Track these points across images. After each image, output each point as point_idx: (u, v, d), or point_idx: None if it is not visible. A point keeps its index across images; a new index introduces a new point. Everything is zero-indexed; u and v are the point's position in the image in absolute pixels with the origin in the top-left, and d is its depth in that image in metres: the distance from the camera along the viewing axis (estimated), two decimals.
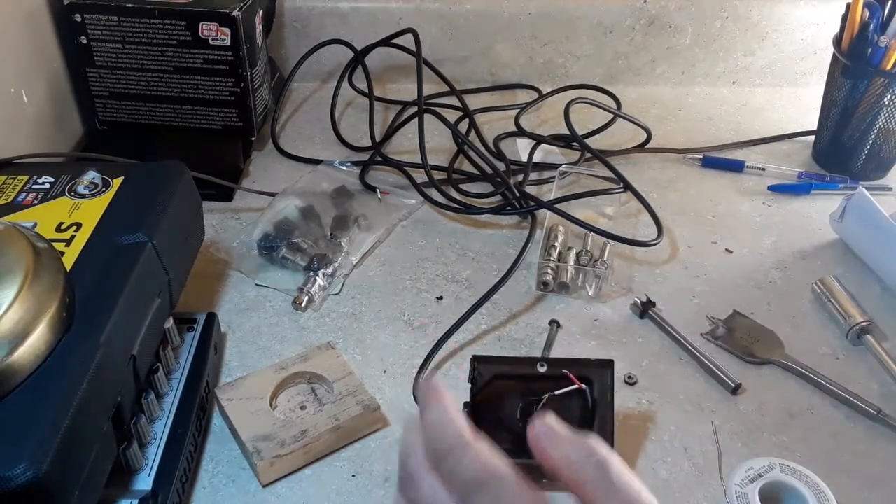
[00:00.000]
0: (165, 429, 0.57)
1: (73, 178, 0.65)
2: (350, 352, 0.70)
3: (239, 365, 0.69)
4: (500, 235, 0.85)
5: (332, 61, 1.11)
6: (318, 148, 1.00)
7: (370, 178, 0.92)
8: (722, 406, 0.66)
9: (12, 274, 0.47)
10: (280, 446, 0.58)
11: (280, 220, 0.82)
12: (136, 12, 0.86)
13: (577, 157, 0.97)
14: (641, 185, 0.88)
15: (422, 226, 0.86)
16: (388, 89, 1.12)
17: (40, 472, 0.40)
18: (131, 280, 0.54)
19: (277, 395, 0.64)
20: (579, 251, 0.79)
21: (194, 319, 0.67)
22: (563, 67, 1.15)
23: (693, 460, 0.62)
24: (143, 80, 0.91)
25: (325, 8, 1.09)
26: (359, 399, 0.62)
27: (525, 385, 0.59)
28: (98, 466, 0.47)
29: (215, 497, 0.58)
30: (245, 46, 0.88)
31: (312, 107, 1.09)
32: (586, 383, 0.58)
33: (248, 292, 0.76)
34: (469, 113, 1.02)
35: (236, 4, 0.86)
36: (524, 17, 1.11)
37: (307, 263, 0.77)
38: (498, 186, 0.89)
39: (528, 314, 0.75)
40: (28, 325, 0.46)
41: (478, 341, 0.72)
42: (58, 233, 0.58)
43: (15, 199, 0.62)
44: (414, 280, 0.79)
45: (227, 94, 0.91)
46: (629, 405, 0.66)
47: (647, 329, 0.74)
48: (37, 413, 0.43)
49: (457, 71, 1.12)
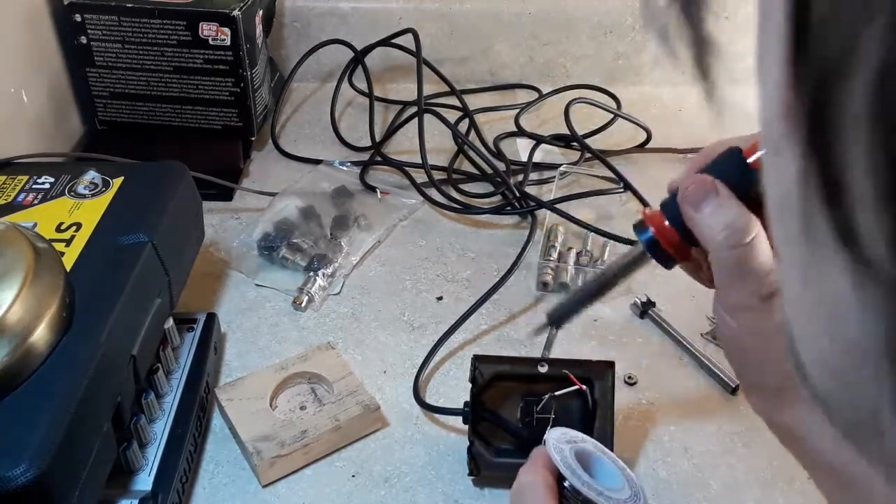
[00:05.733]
0: (165, 429, 0.57)
1: (73, 179, 0.65)
2: (350, 352, 0.70)
3: (239, 365, 0.69)
4: (500, 235, 0.85)
5: (332, 61, 1.11)
6: (318, 148, 1.00)
7: (370, 178, 0.92)
8: (722, 406, 0.66)
9: (12, 274, 0.47)
10: (280, 446, 0.58)
11: (280, 220, 0.82)
12: (136, 12, 0.86)
13: (577, 157, 0.97)
14: (641, 185, 0.88)
15: (422, 226, 0.86)
16: (388, 89, 1.12)
17: (41, 472, 0.40)
18: (131, 280, 0.54)
19: (277, 395, 0.64)
20: (579, 251, 0.79)
21: (194, 319, 0.67)
22: (563, 67, 1.15)
23: (693, 460, 0.62)
24: (142, 80, 0.90)
25: (325, 8, 1.09)
26: (359, 399, 0.62)
27: (526, 385, 0.59)
28: (98, 466, 0.47)
29: (215, 497, 0.58)
30: (245, 46, 0.88)
31: (312, 107, 1.09)
32: (587, 384, 0.58)
33: (248, 292, 0.76)
34: (469, 113, 1.02)
35: (236, 4, 0.86)
36: (524, 17, 1.11)
37: (307, 263, 0.77)
38: (498, 186, 0.89)
39: (528, 314, 0.75)
40: (28, 325, 0.46)
41: (478, 341, 0.72)
42: (58, 233, 0.58)
43: (15, 199, 0.62)
44: (414, 280, 0.79)
45: (227, 94, 0.91)
46: (629, 405, 0.66)
47: (647, 329, 0.74)
48: (37, 413, 0.43)
49: (457, 71, 1.12)
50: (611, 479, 0.50)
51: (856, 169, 0.14)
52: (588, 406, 0.58)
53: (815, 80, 0.15)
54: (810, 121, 0.15)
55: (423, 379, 0.67)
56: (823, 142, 0.15)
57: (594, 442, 0.53)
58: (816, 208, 0.16)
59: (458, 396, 0.64)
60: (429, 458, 0.61)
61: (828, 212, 0.16)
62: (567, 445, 0.50)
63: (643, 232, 0.41)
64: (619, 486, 0.49)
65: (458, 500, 0.59)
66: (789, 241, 0.18)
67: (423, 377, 0.67)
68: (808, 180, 0.16)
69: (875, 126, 0.14)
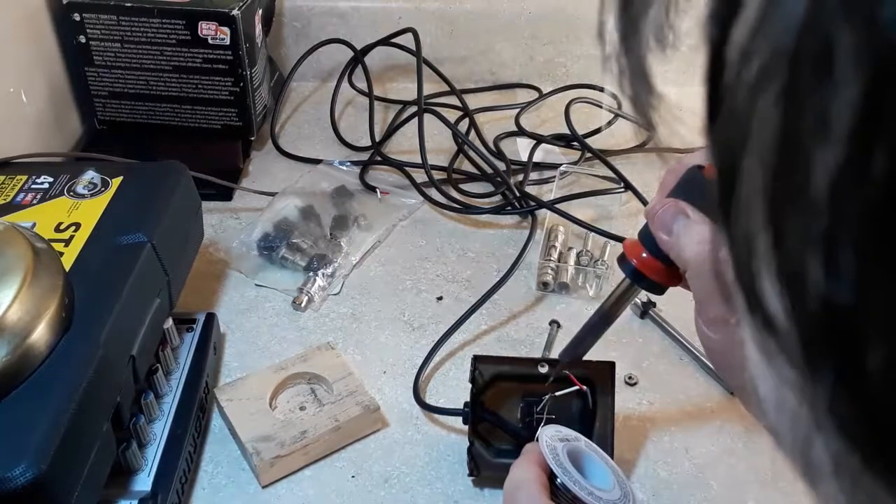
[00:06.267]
0: (165, 429, 0.57)
1: (72, 178, 0.64)
2: (350, 352, 0.70)
3: (238, 365, 0.69)
4: (500, 235, 0.85)
5: (332, 61, 1.11)
6: (318, 148, 0.99)
7: (370, 178, 0.92)
8: (722, 406, 0.66)
9: (11, 274, 0.47)
10: (280, 447, 0.58)
11: (280, 220, 0.82)
12: (135, 11, 0.85)
13: (578, 157, 0.97)
14: (641, 185, 0.88)
15: (422, 226, 0.86)
16: (388, 89, 1.12)
17: (40, 472, 0.40)
18: (131, 280, 0.54)
19: (277, 395, 0.64)
20: (579, 251, 0.79)
21: (194, 319, 0.67)
22: (564, 67, 1.15)
23: (693, 461, 0.62)
24: (142, 80, 0.90)
25: (324, 8, 1.09)
26: (358, 399, 0.62)
27: (526, 385, 0.59)
28: (98, 467, 0.47)
29: (215, 497, 0.58)
30: (244, 46, 0.88)
31: (312, 106, 1.08)
32: (587, 385, 0.58)
33: (248, 292, 0.76)
34: (469, 113, 1.02)
35: (236, 4, 0.86)
36: (524, 16, 1.11)
37: (307, 263, 0.77)
38: (498, 186, 0.89)
39: (528, 314, 0.75)
40: (27, 325, 0.45)
41: (478, 341, 0.72)
42: (57, 233, 0.58)
43: (14, 199, 0.62)
44: (414, 280, 0.79)
45: (227, 93, 0.91)
46: (629, 406, 0.66)
47: (648, 329, 0.74)
48: (36, 414, 0.43)
49: (457, 71, 1.12)
50: (602, 478, 0.50)
51: (755, 236, 0.15)
52: (588, 406, 0.58)
53: (722, 142, 0.16)
54: (720, 181, 0.16)
55: (423, 379, 0.67)
56: (728, 203, 0.15)
57: (587, 441, 0.53)
58: (726, 265, 0.16)
59: (458, 397, 0.64)
60: (429, 458, 0.61)
61: (734, 271, 0.16)
62: (560, 444, 0.50)
63: (626, 264, 0.42)
64: (609, 486, 0.49)
65: (458, 500, 0.59)
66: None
67: (423, 377, 0.67)
68: (718, 235, 0.16)
69: (770, 201, 0.14)
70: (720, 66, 0.15)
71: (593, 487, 0.47)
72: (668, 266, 0.41)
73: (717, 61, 0.15)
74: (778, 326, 0.15)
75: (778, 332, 0.15)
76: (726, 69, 0.15)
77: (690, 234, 0.38)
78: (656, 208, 0.39)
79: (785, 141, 0.14)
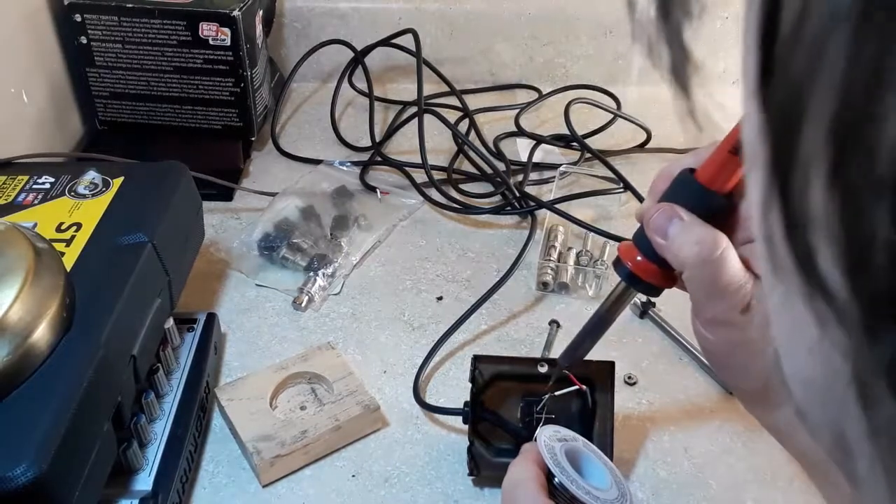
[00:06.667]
0: (165, 429, 0.57)
1: (74, 179, 0.65)
2: (350, 352, 0.70)
3: (239, 365, 0.69)
4: (500, 235, 0.85)
5: (332, 61, 1.11)
6: (318, 148, 1.00)
7: (370, 178, 0.92)
8: (722, 406, 0.66)
9: (12, 274, 0.47)
10: (280, 446, 0.58)
11: (280, 220, 0.82)
12: (136, 12, 0.86)
13: (577, 157, 0.97)
14: (641, 185, 0.88)
15: (422, 226, 0.86)
16: (388, 89, 1.12)
17: (41, 472, 0.40)
18: (131, 280, 0.54)
19: (277, 395, 0.64)
20: (579, 251, 0.79)
21: (194, 319, 0.67)
22: (563, 67, 1.15)
23: (693, 460, 0.62)
24: (143, 80, 0.90)
25: (325, 8, 1.09)
26: (359, 399, 0.62)
27: (526, 385, 0.59)
28: (98, 466, 0.47)
29: (215, 497, 0.58)
30: (245, 46, 0.88)
31: (312, 107, 1.09)
32: (587, 384, 0.58)
33: (248, 292, 0.76)
34: (469, 113, 1.02)
35: (236, 4, 0.86)
36: (524, 17, 1.11)
37: (307, 263, 0.77)
38: (498, 186, 0.89)
39: (528, 314, 0.75)
40: (28, 325, 0.46)
41: (478, 341, 0.72)
42: (58, 233, 0.58)
43: (15, 199, 0.62)
44: (414, 280, 0.79)
45: (227, 94, 0.91)
46: (629, 405, 0.66)
47: (647, 329, 0.74)
48: (37, 413, 0.43)
49: (457, 71, 1.12)
50: (599, 478, 0.50)
51: (813, 199, 0.14)
52: (588, 406, 0.58)
53: (778, 105, 0.15)
54: (774, 146, 0.15)
55: (423, 379, 0.67)
56: (785, 168, 0.15)
57: (585, 441, 0.53)
58: (777, 234, 0.16)
59: (458, 396, 0.64)
60: (429, 458, 0.61)
61: (787, 238, 0.16)
62: (558, 443, 0.50)
63: (621, 268, 0.42)
64: (606, 486, 0.49)
65: (458, 500, 0.59)
66: (762, 259, 0.18)
67: (423, 377, 0.67)
68: (770, 205, 0.16)
69: (834, 156, 0.14)
70: (774, 24, 0.15)
71: (591, 487, 0.48)
72: (663, 268, 0.41)
73: (771, 18, 0.15)
74: (833, 291, 0.15)
75: (833, 297, 0.15)
76: (782, 24, 0.14)
77: (686, 236, 0.38)
78: (651, 212, 0.39)
79: (853, 90, 0.13)
